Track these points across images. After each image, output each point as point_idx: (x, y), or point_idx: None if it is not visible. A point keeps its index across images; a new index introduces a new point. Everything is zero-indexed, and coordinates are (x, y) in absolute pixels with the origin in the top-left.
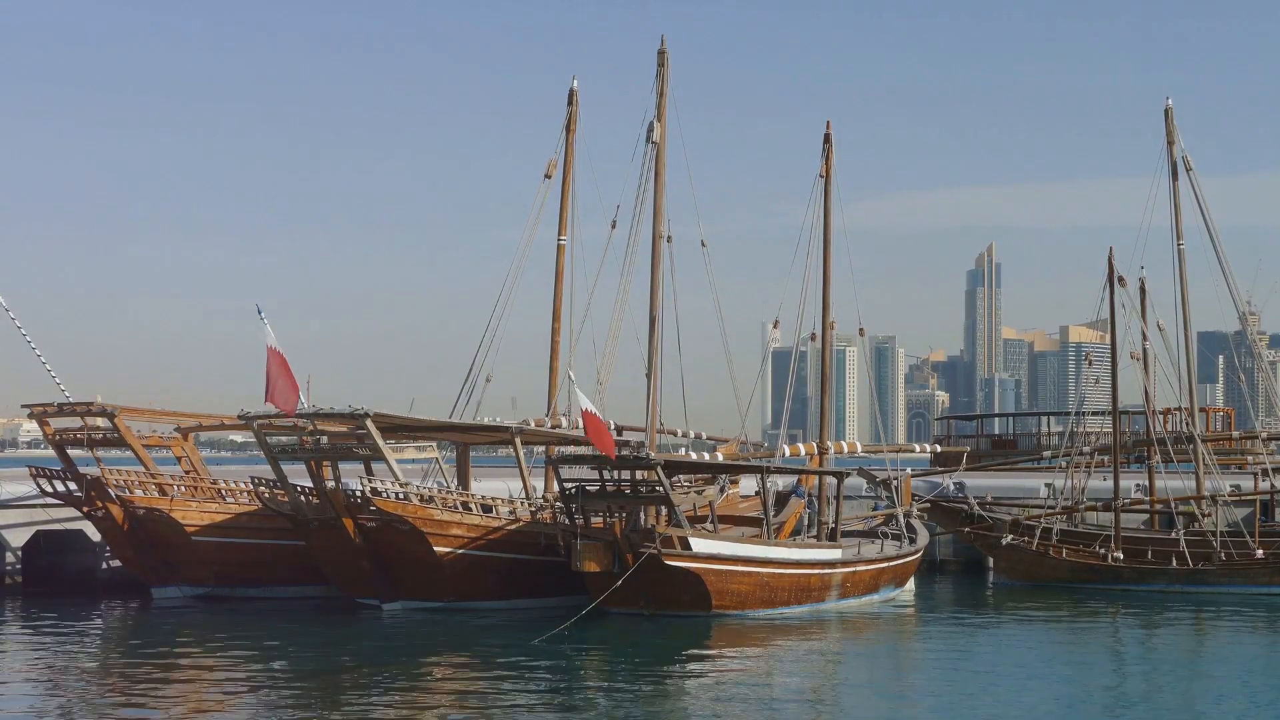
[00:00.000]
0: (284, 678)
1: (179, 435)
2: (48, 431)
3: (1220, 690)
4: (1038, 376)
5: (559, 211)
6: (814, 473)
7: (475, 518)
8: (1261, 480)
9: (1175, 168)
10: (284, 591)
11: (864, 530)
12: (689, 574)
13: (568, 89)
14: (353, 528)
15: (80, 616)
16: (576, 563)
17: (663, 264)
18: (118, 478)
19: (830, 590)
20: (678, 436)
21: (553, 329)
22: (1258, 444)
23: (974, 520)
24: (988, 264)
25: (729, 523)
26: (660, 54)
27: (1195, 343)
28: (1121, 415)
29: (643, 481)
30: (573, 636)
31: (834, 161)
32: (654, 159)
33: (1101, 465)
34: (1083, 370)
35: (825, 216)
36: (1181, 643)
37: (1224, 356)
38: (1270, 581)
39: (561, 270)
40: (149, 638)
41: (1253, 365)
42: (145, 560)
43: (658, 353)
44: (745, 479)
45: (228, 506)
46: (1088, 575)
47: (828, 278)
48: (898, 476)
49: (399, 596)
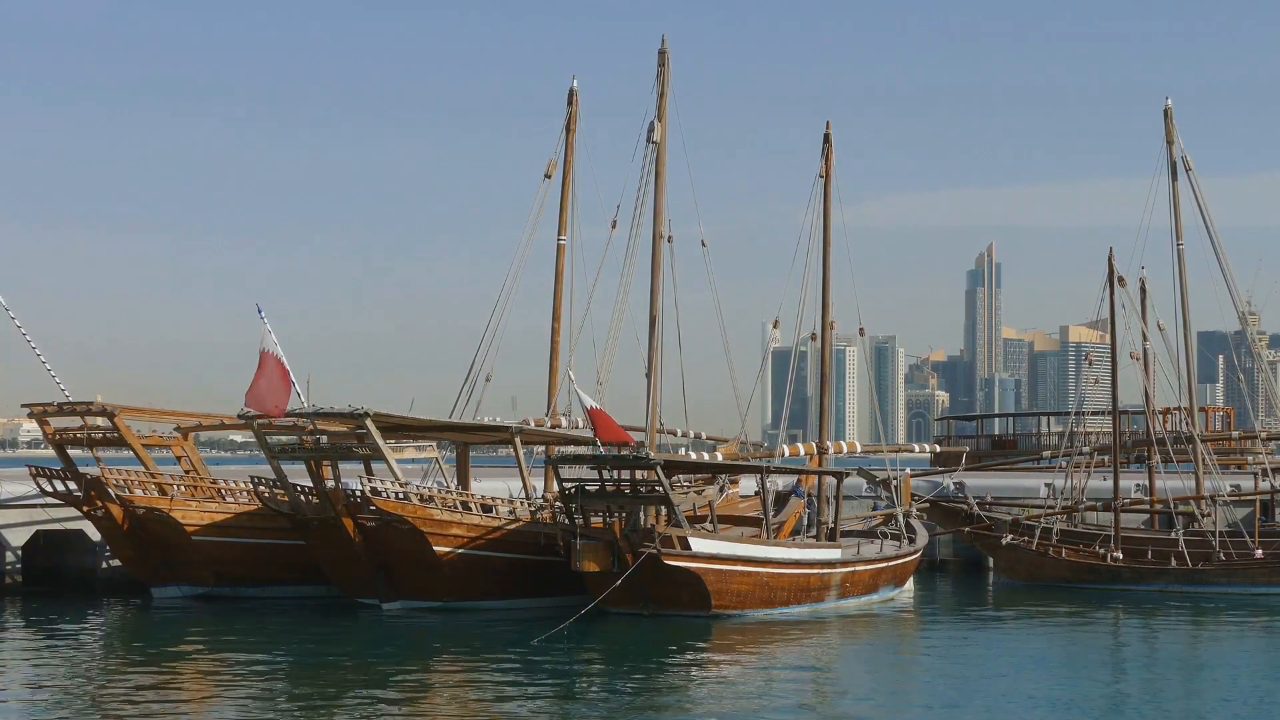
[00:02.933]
0: (284, 678)
1: (179, 435)
2: (48, 431)
3: (1220, 690)
4: (1038, 376)
5: (559, 211)
6: (814, 473)
7: (475, 517)
8: (1261, 480)
9: (1175, 168)
10: (284, 591)
11: (863, 530)
12: (689, 574)
13: (568, 89)
14: (353, 527)
15: (80, 616)
16: (576, 563)
17: (663, 264)
18: (118, 477)
19: (830, 590)
20: (678, 436)
21: (553, 329)
22: (1257, 444)
23: (974, 520)
24: (988, 264)
25: (729, 523)
26: (661, 54)
27: (1195, 343)
28: (1121, 415)
29: (642, 481)
30: (572, 636)
31: (834, 161)
32: (654, 159)
33: (1101, 465)
34: (1083, 370)
35: (825, 216)
36: (1181, 643)
37: (1224, 356)
38: (1270, 581)
39: (561, 270)
40: (149, 638)
41: (1253, 365)
42: (145, 560)
43: (658, 353)
44: (745, 479)
45: (228, 506)
46: (1088, 575)
47: (827, 278)
48: (897, 476)
49: (399, 596)
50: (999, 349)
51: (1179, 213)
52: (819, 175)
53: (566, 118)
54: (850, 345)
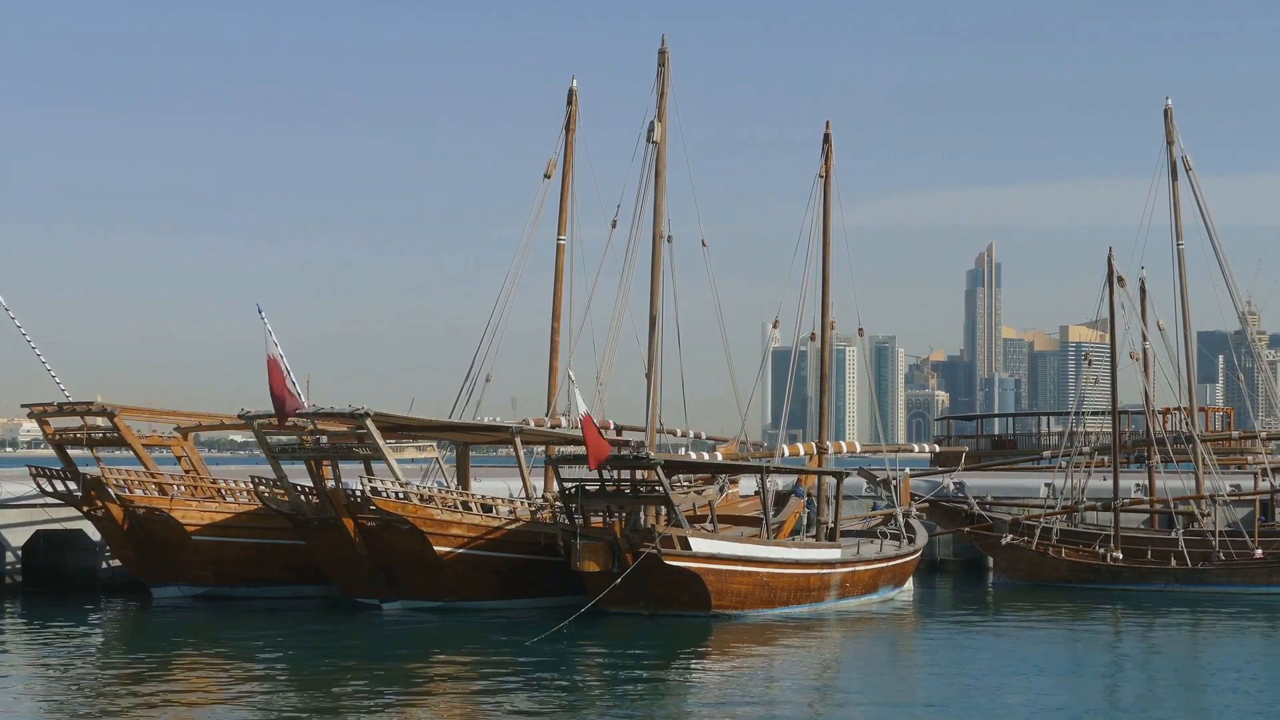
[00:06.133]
0: (284, 678)
1: (179, 435)
2: (48, 431)
3: (1219, 690)
4: (1038, 376)
5: (559, 211)
6: (813, 472)
7: (475, 517)
8: (1261, 480)
9: (1175, 168)
10: (284, 591)
11: (863, 530)
12: (688, 574)
13: (568, 89)
14: (353, 527)
15: (80, 616)
16: (576, 562)
17: (663, 264)
18: (117, 477)
19: (829, 590)
20: (677, 436)
21: (552, 329)
22: (1257, 444)
23: (974, 520)
24: (988, 264)
25: (728, 522)
26: (661, 54)
27: (1195, 343)
28: (1121, 415)
29: (642, 481)
30: (572, 636)
31: (833, 161)
32: (654, 159)
33: (1101, 465)
34: (1082, 370)
35: (825, 216)
36: (1181, 643)
37: (1224, 356)
38: (1269, 581)
39: (561, 270)
40: (149, 638)
41: (1253, 365)
42: (145, 560)
43: (658, 352)
44: (745, 479)
45: (228, 506)
46: (1087, 575)
47: (827, 278)
48: (897, 476)
49: (399, 596)
50: (999, 349)
51: (1179, 213)
52: (819, 175)
53: (566, 118)
54: (850, 345)
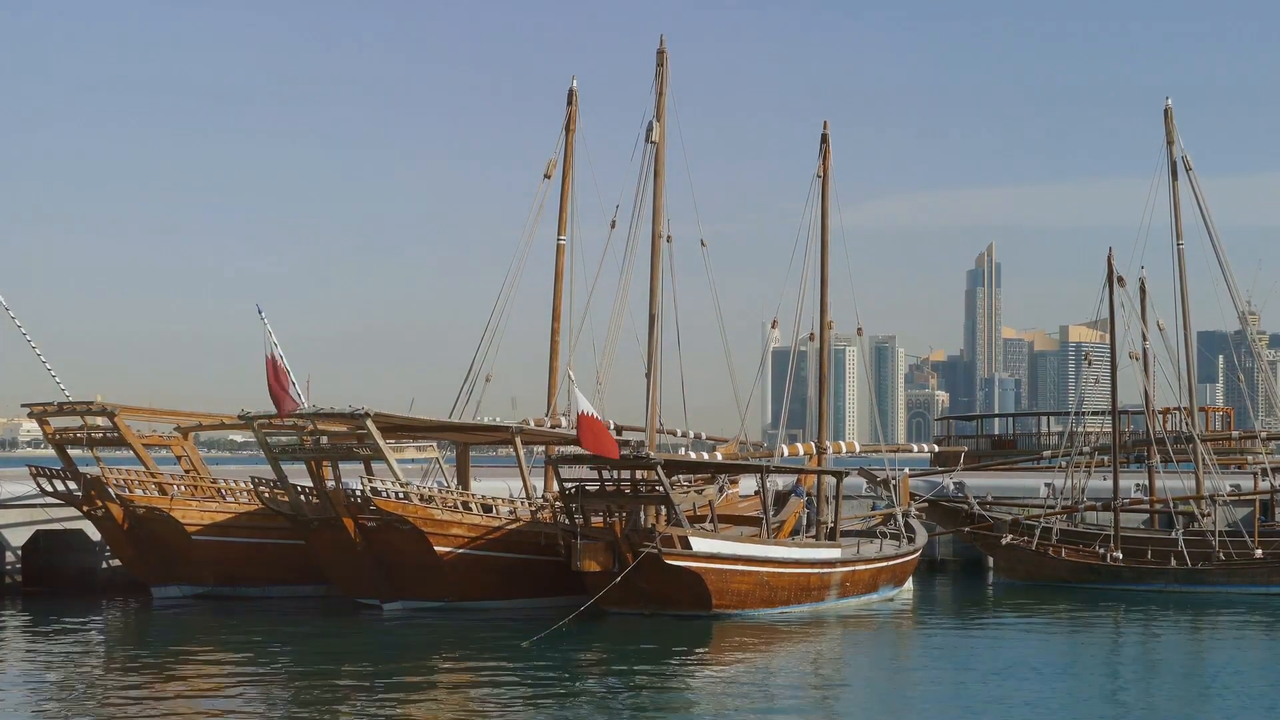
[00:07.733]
0: (284, 678)
1: (179, 435)
2: (48, 431)
3: (1219, 690)
4: (1038, 376)
5: (559, 211)
6: (813, 472)
7: (475, 517)
8: (1261, 480)
9: (1175, 168)
10: (284, 591)
11: (863, 530)
12: (689, 573)
13: (568, 89)
14: (353, 528)
15: (80, 616)
16: (576, 562)
17: (662, 264)
18: (118, 477)
19: (829, 590)
20: (677, 436)
21: (552, 328)
22: (1257, 444)
23: (974, 520)
24: (988, 264)
25: (728, 522)
26: (660, 54)
27: (1195, 343)
28: (1121, 415)
29: (643, 481)
30: (572, 636)
31: (832, 161)
32: (653, 159)
33: (1101, 465)
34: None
35: (823, 216)
36: (1181, 643)
37: (1224, 356)
38: (1270, 581)
39: (561, 270)
40: (149, 637)
41: (1253, 365)
42: (145, 560)
43: (657, 352)
44: (745, 479)
45: (228, 506)
46: (1087, 575)
47: (825, 278)
48: (897, 476)
49: (399, 596)
50: (999, 349)
51: (1179, 213)
52: (816, 175)
53: (566, 118)
54: (850, 345)
